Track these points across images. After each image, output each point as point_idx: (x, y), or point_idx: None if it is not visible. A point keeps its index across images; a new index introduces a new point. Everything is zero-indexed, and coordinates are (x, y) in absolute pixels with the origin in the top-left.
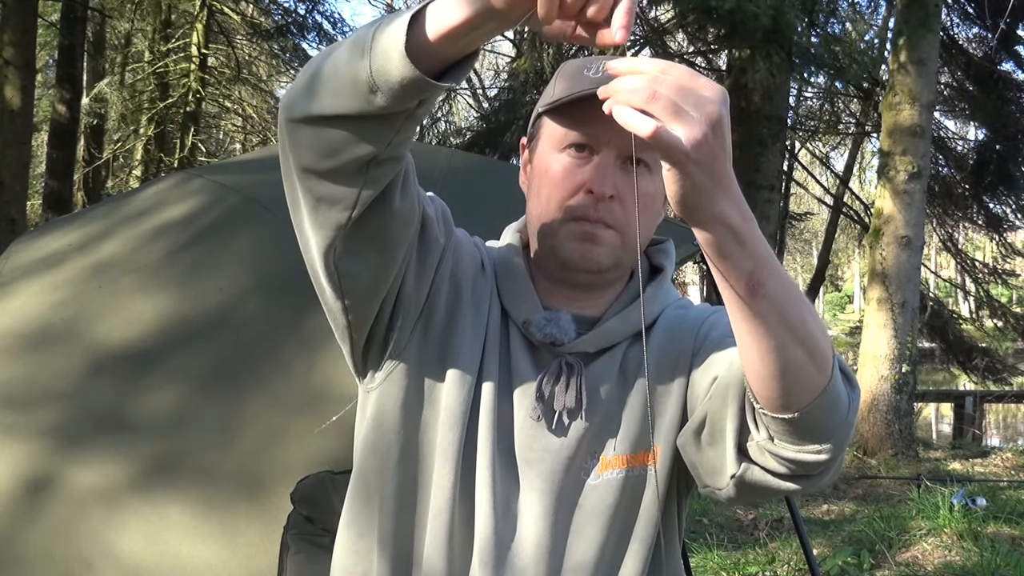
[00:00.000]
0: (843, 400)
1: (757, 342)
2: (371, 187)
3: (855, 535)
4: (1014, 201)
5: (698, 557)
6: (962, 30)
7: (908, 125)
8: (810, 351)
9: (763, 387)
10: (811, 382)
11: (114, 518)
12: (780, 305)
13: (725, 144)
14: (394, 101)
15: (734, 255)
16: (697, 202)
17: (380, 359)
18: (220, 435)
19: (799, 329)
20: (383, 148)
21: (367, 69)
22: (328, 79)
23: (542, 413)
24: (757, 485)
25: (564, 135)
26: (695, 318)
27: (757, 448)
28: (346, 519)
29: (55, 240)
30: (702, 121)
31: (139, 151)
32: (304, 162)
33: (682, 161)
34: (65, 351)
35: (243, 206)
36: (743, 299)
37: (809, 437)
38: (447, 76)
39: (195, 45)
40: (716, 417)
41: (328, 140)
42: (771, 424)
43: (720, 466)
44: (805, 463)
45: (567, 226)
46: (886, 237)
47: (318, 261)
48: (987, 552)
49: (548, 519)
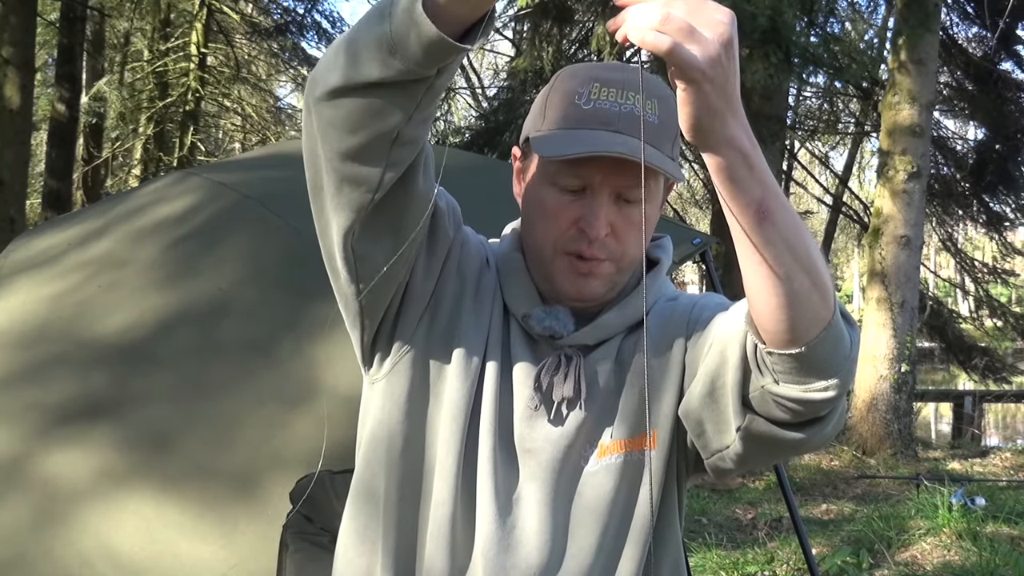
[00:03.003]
0: (846, 336)
1: (766, 270)
2: (393, 169)
3: (854, 535)
4: (1014, 200)
5: (697, 556)
6: (962, 29)
7: (907, 125)
8: (815, 281)
9: (771, 321)
10: (817, 314)
11: (113, 517)
12: (787, 233)
13: (736, 67)
14: (414, 64)
15: (744, 180)
16: (711, 124)
17: (387, 348)
18: (217, 431)
19: (805, 258)
20: (404, 123)
21: (387, 30)
22: (350, 48)
23: (541, 403)
24: (763, 437)
25: (556, 172)
26: (685, 305)
27: (761, 397)
28: (349, 512)
29: (54, 238)
30: (715, 40)
31: (138, 150)
32: (330, 142)
33: (698, 80)
34: (63, 347)
35: (240, 204)
36: (753, 226)
37: (816, 373)
38: (466, 39)
39: (194, 44)
40: (717, 374)
41: (351, 114)
42: (777, 364)
43: (725, 421)
44: (812, 402)
45: (561, 259)
46: (885, 237)
47: (336, 243)
48: (986, 552)
49: (549, 507)
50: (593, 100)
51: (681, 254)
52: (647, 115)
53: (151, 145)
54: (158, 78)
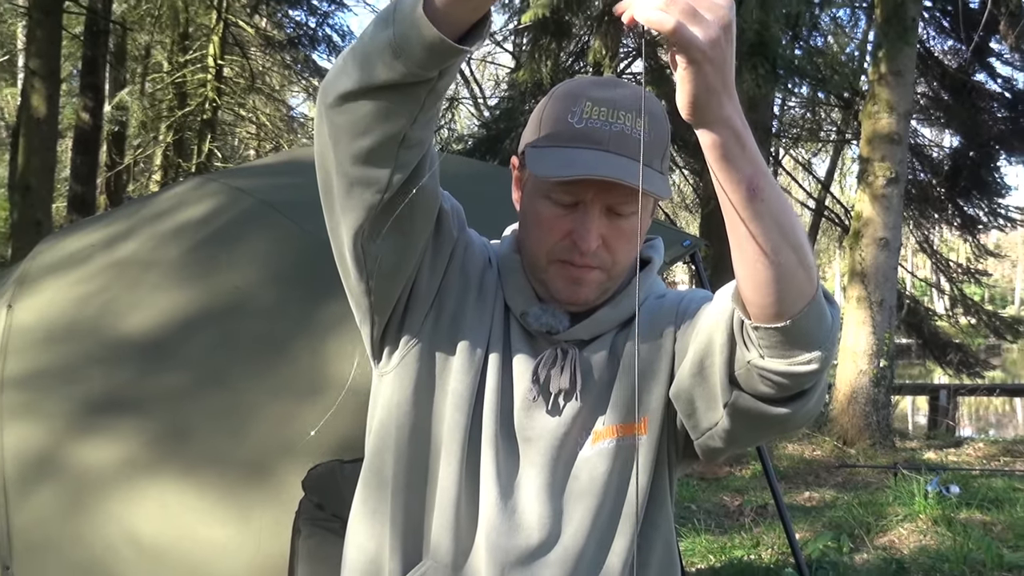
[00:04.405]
0: (827, 312)
1: (754, 246)
2: (401, 171)
3: (835, 520)
4: (987, 204)
5: (687, 541)
6: (938, 43)
7: (886, 133)
8: (800, 257)
9: (759, 295)
10: (802, 289)
11: (133, 500)
12: (775, 209)
13: (733, 50)
14: (416, 67)
15: (736, 158)
16: (708, 102)
17: (396, 343)
18: (233, 423)
19: (791, 235)
20: (410, 124)
21: (391, 35)
22: (358, 54)
23: (539, 395)
24: (750, 412)
25: (550, 188)
26: (673, 300)
27: (747, 372)
28: (360, 497)
29: (79, 240)
30: (716, 23)
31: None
32: (341, 145)
33: (699, 59)
34: (89, 344)
35: (256, 208)
36: (744, 201)
37: (800, 346)
38: (465, 42)
39: (211, 56)
40: (705, 353)
41: (361, 118)
42: (763, 338)
43: (714, 398)
44: (796, 375)
45: (555, 266)
46: (865, 239)
47: (347, 243)
48: (960, 537)
49: (547, 491)
50: (585, 119)
51: (672, 255)
52: (637, 133)
53: (171, 152)
54: (177, 88)
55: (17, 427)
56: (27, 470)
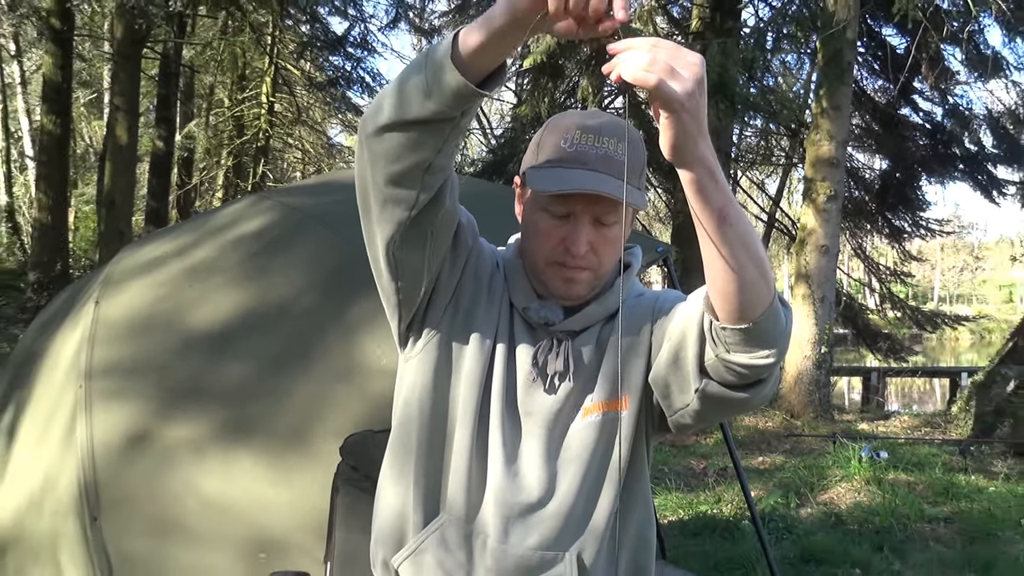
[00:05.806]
0: (782, 316)
1: (723, 263)
2: (426, 192)
3: (784, 481)
4: (911, 217)
5: (660, 498)
6: (870, 82)
7: (827, 157)
8: (762, 272)
9: (726, 302)
10: (762, 297)
11: (199, 465)
12: (741, 231)
13: (705, 100)
14: (444, 106)
15: (710, 191)
16: (685, 144)
17: (419, 333)
18: (282, 401)
19: (754, 254)
20: (435, 154)
21: (424, 79)
22: (395, 93)
23: (538, 376)
24: (717, 396)
25: (547, 202)
26: (650, 299)
27: (715, 364)
28: (387, 461)
29: (155, 248)
30: (691, 79)
31: (220, 178)
32: (378, 169)
33: (677, 110)
34: (163, 335)
35: (303, 222)
36: (715, 227)
37: (759, 344)
38: (484, 87)
39: (264, 94)
40: (680, 347)
41: (394, 147)
42: (729, 337)
43: (687, 383)
44: (756, 367)
45: (551, 268)
46: (809, 246)
47: (381, 250)
48: (888, 494)
49: (544, 457)
50: (576, 144)
51: (648, 260)
52: (619, 155)
53: (231, 174)
54: (236, 121)
55: (106, 405)
56: (113, 441)
